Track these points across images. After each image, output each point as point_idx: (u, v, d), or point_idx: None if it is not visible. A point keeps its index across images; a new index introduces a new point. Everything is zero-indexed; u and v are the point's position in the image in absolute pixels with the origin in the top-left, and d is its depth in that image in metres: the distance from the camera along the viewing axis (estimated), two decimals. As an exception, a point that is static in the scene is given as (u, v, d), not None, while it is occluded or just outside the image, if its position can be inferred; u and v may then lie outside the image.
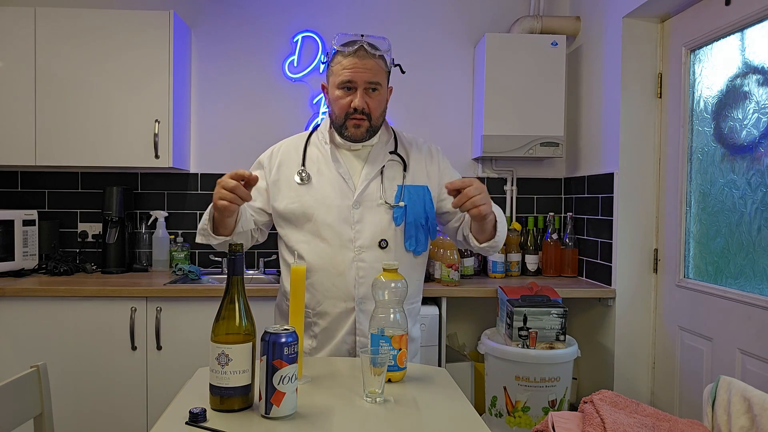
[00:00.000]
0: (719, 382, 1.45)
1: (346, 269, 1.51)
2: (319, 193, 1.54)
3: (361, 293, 1.51)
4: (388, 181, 1.56)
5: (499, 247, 1.58)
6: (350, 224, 1.52)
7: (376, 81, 1.49)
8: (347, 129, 1.52)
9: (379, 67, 1.50)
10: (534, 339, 2.23)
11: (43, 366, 1.38)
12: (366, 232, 1.52)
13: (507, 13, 3.01)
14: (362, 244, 1.51)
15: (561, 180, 3.07)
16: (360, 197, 1.53)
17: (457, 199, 1.37)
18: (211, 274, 2.84)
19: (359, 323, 1.52)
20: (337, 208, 1.52)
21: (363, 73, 1.47)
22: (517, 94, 2.73)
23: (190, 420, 1.02)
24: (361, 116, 1.50)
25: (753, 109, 1.91)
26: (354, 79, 1.47)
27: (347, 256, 1.51)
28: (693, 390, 2.16)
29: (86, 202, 2.94)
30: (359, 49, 1.47)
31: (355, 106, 1.48)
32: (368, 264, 1.51)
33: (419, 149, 1.64)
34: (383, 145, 1.59)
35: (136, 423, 2.40)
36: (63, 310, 2.36)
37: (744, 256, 1.93)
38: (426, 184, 1.59)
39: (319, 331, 1.56)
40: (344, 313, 1.53)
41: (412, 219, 1.55)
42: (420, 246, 1.58)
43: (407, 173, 1.58)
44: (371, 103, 1.50)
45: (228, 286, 1.10)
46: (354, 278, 1.51)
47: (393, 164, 1.58)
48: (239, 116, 2.97)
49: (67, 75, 2.60)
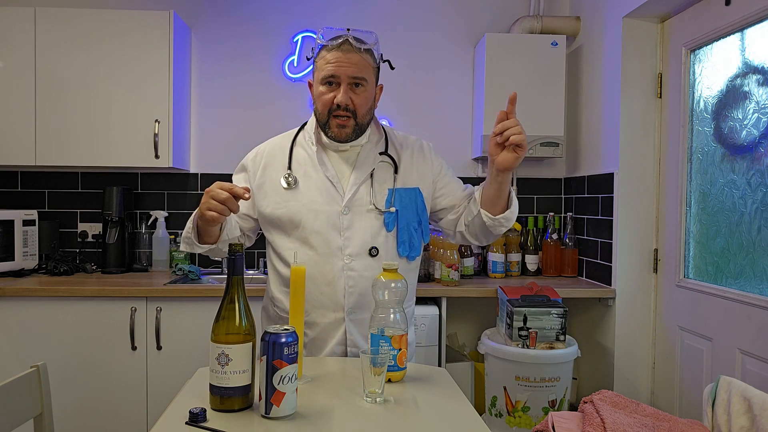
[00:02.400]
0: (719, 382, 1.46)
1: (335, 278, 1.44)
2: (306, 198, 1.47)
3: (351, 303, 1.45)
4: (378, 185, 1.49)
5: (512, 220, 1.50)
6: (339, 231, 1.45)
7: (361, 76, 1.41)
8: (331, 128, 1.45)
9: (365, 62, 1.42)
10: (534, 339, 2.23)
11: (43, 366, 1.38)
12: (356, 239, 1.45)
13: (507, 13, 3.01)
14: (352, 252, 1.45)
15: (561, 180, 3.07)
16: (349, 202, 1.46)
17: (498, 130, 1.38)
18: (211, 274, 2.84)
19: (350, 334, 1.46)
20: (324, 214, 1.45)
21: (347, 67, 1.40)
22: (517, 94, 2.72)
23: (190, 420, 1.02)
24: (346, 113, 1.42)
25: (753, 109, 1.91)
26: (337, 73, 1.40)
27: (336, 265, 1.44)
28: (693, 390, 2.16)
29: (86, 202, 2.94)
30: (344, 43, 1.40)
31: (338, 101, 1.41)
32: (358, 273, 1.44)
33: (411, 148, 1.56)
34: (373, 145, 1.52)
35: (136, 423, 2.40)
36: (63, 310, 2.36)
37: (744, 256, 1.93)
38: (418, 186, 1.52)
39: (308, 342, 1.49)
40: (334, 324, 1.46)
41: (404, 224, 1.49)
42: (414, 251, 1.52)
43: (398, 175, 1.51)
44: (356, 99, 1.42)
45: (228, 286, 1.10)
46: (344, 288, 1.44)
47: (383, 166, 1.51)
48: (239, 116, 2.97)
49: (67, 75, 2.60)
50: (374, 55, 1.46)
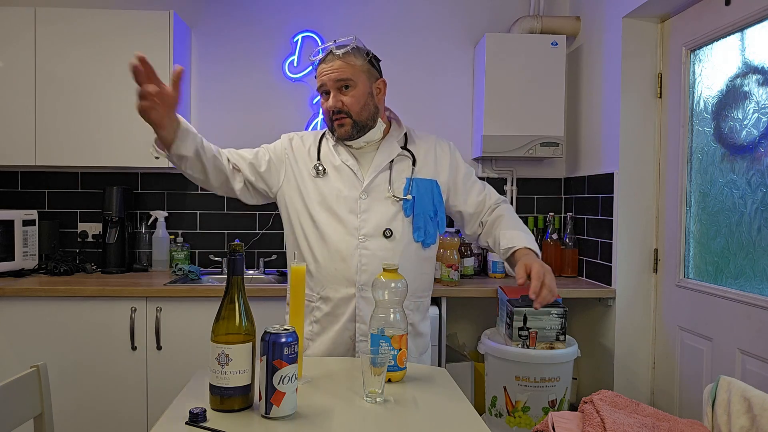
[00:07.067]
0: (719, 382, 1.45)
1: (349, 255, 1.55)
2: (330, 185, 1.60)
3: (363, 280, 1.55)
4: (396, 174, 1.61)
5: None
6: (356, 214, 1.57)
7: (345, 78, 1.54)
8: (335, 130, 1.60)
9: (347, 65, 1.55)
10: (534, 339, 2.23)
11: (43, 366, 1.38)
12: (371, 221, 1.57)
13: (507, 13, 3.01)
14: (367, 233, 1.56)
15: (561, 180, 3.07)
16: (368, 188, 1.58)
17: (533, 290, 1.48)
18: (211, 274, 2.84)
19: (359, 309, 1.56)
20: (345, 199, 1.58)
21: (329, 73, 1.55)
22: (517, 94, 2.73)
23: (190, 420, 1.02)
24: (341, 115, 1.56)
25: (753, 109, 1.91)
26: (324, 82, 1.56)
27: (351, 243, 1.56)
28: (693, 390, 2.16)
29: (86, 202, 2.94)
30: (327, 55, 1.57)
31: (329, 107, 1.57)
32: (371, 252, 1.55)
33: (430, 144, 1.69)
34: (394, 140, 1.65)
35: (136, 423, 2.40)
36: (63, 310, 2.36)
37: (744, 256, 1.93)
38: (435, 179, 1.64)
39: (321, 316, 1.60)
40: (346, 299, 1.57)
41: (420, 211, 1.60)
42: (429, 238, 1.62)
43: (416, 168, 1.63)
44: (346, 100, 1.55)
45: (228, 286, 1.10)
46: (357, 264, 1.55)
47: (403, 159, 1.64)
48: (239, 116, 2.97)
49: (67, 75, 2.60)
50: (359, 55, 1.58)
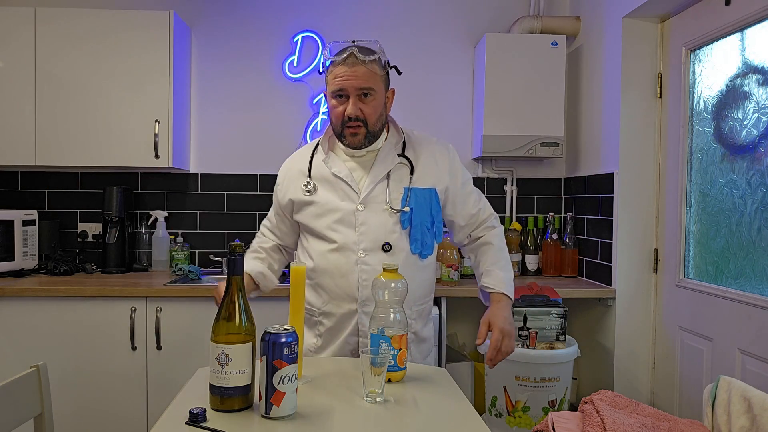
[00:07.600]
0: (719, 382, 1.45)
1: (349, 271, 1.53)
2: (324, 199, 1.56)
3: (364, 295, 1.52)
4: (395, 184, 1.56)
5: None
6: (354, 227, 1.53)
7: (368, 87, 1.49)
8: (345, 137, 1.53)
9: (371, 72, 1.49)
10: (534, 339, 2.23)
11: (43, 366, 1.38)
12: (369, 234, 1.53)
13: (507, 13, 3.01)
14: (366, 247, 1.52)
15: (561, 180, 3.07)
16: (365, 200, 1.54)
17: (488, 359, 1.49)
18: (211, 274, 2.84)
19: (362, 325, 1.53)
20: (341, 212, 1.54)
21: (353, 80, 1.47)
22: (517, 94, 2.73)
23: (190, 420, 1.02)
24: (357, 123, 1.50)
25: (753, 109, 1.91)
26: (345, 87, 1.48)
27: (351, 259, 1.53)
28: (693, 390, 2.16)
29: (86, 202, 2.94)
30: (349, 56, 1.48)
31: (348, 114, 1.49)
32: (371, 267, 1.51)
33: (430, 149, 1.63)
34: (392, 147, 1.59)
35: (136, 423, 2.40)
36: (63, 310, 2.36)
37: (744, 256, 1.93)
38: (434, 187, 1.59)
39: (324, 331, 1.59)
40: (348, 314, 1.55)
41: (417, 222, 1.55)
42: (426, 249, 1.58)
43: (414, 176, 1.57)
44: (365, 109, 1.50)
45: (228, 286, 1.10)
46: (357, 280, 1.52)
47: (400, 167, 1.58)
48: (239, 116, 2.97)
49: (67, 75, 2.60)
50: (380, 63, 1.52)
